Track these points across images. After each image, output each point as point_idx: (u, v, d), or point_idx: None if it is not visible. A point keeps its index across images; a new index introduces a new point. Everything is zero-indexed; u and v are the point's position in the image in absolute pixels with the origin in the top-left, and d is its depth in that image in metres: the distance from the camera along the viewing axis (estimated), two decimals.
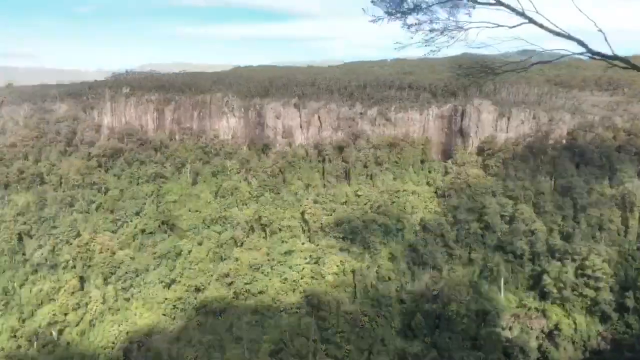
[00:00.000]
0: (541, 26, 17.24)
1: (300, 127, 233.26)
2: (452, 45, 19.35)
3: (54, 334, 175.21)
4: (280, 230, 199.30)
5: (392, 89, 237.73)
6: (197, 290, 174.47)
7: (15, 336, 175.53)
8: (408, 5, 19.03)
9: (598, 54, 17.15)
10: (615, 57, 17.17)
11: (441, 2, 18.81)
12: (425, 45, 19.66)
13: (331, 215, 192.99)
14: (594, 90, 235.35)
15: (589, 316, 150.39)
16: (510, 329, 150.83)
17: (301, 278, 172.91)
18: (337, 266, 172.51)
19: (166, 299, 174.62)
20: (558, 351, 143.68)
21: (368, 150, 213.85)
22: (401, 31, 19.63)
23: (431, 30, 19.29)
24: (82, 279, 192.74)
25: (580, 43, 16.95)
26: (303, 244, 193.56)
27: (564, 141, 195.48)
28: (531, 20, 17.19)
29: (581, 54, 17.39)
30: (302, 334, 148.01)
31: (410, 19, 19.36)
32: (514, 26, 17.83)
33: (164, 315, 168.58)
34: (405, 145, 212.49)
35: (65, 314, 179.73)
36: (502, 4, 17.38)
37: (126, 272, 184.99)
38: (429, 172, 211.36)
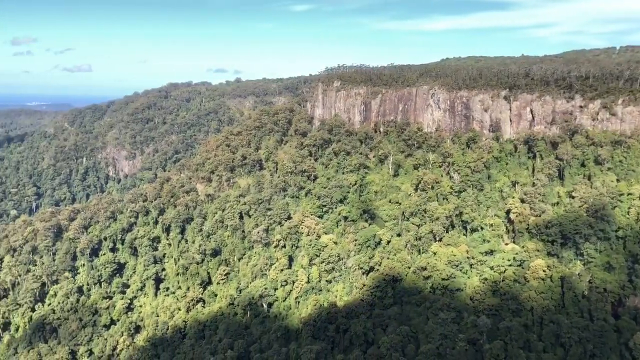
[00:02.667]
0: None
1: (510, 120, 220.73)
2: None
3: (265, 306, 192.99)
4: (482, 228, 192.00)
5: (620, 80, 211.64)
6: (395, 280, 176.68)
7: (232, 304, 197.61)
8: None
9: None
10: None
11: None
12: None
13: (540, 216, 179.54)
14: None
15: None
16: None
17: (502, 280, 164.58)
18: (544, 271, 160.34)
19: (364, 285, 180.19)
20: None
21: (587, 148, 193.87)
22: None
23: None
24: (290, 258, 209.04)
25: None
26: (507, 244, 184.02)
27: None
28: None
29: None
30: (501, 338, 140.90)
31: None
32: None
33: (362, 300, 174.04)
34: (634, 143, 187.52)
35: (275, 289, 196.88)
36: None
37: (329, 256, 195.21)
38: None
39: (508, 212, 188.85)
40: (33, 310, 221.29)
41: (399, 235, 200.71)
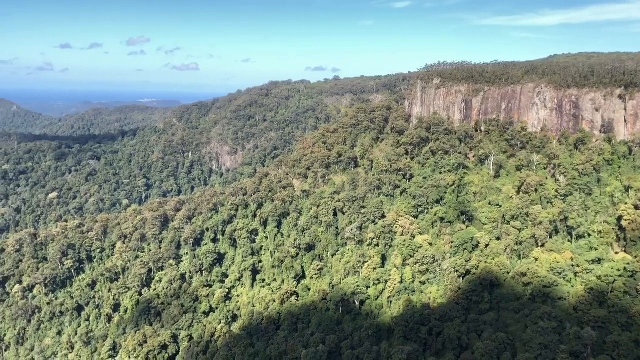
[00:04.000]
0: None
1: (625, 121, 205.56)
2: None
3: (357, 303, 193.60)
4: (589, 234, 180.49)
5: None
6: (492, 285, 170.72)
7: (325, 299, 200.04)
8: None
9: None
10: None
11: None
12: None
13: None
14: None
15: None
16: None
17: (611, 291, 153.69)
18: None
19: (460, 288, 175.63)
20: None
21: None
22: None
23: None
24: (383, 257, 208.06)
25: None
26: (617, 253, 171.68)
27: None
28: None
29: None
30: (608, 353, 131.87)
31: None
32: None
33: (457, 303, 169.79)
34: None
35: (367, 287, 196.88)
36: None
37: (423, 257, 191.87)
38: None
39: (619, 218, 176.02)
40: (140, 294, 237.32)
41: (498, 238, 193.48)
